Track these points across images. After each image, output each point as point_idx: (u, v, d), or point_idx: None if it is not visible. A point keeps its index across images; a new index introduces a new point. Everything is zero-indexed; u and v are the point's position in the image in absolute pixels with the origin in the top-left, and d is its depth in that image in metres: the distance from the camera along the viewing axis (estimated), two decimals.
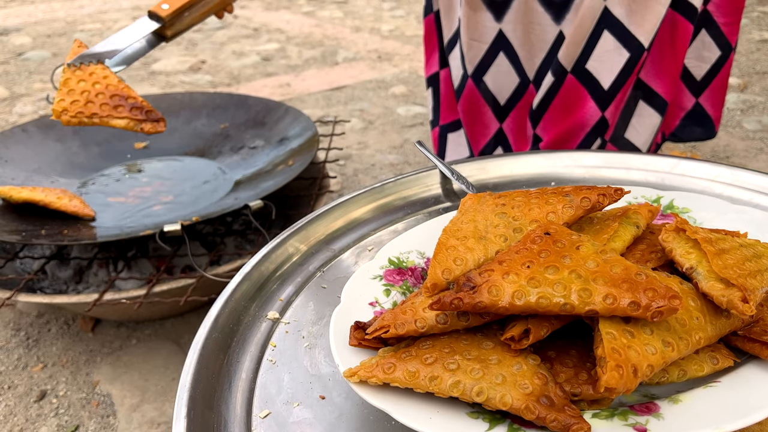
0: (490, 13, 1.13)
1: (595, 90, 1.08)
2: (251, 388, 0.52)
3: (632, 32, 1.04)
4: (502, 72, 1.19)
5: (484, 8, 1.13)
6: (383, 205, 0.78)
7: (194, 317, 1.43)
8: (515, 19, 1.12)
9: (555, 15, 1.08)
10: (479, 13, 1.14)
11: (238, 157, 1.57)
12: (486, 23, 1.14)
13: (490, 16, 1.13)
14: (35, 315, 1.47)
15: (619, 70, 1.06)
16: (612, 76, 1.07)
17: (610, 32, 1.04)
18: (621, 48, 1.05)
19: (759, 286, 0.44)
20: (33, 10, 4.50)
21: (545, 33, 1.10)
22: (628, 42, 1.04)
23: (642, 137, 1.18)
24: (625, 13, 1.03)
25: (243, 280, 0.63)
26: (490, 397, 0.40)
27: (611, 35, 1.05)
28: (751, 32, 3.14)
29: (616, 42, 1.05)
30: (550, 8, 1.08)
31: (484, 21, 1.14)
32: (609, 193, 0.54)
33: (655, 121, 1.16)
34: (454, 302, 0.43)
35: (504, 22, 1.13)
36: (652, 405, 0.41)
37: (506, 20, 1.12)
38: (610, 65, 1.06)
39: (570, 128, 1.12)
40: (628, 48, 1.05)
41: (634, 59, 1.05)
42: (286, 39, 3.57)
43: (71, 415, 1.21)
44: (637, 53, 1.05)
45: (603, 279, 0.41)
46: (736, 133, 2.18)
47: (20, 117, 2.62)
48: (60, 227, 1.27)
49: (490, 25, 1.14)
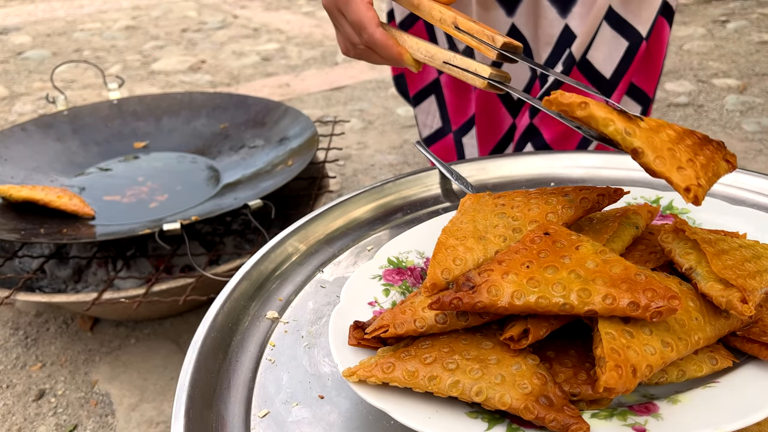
0: (502, 10, 1.13)
1: (596, 81, 1.09)
2: (250, 387, 0.52)
3: (629, 22, 1.06)
4: (516, 66, 1.18)
5: (497, 6, 1.13)
6: (382, 205, 0.78)
7: (193, 317, 1.43)
8: (527, 12, 1.12)
9: (561, 9, 1.08)
10: (491, 11, 1.14)
11: (237, 156, 1.57)
12: (499, 19, 1.14)
13: (503, 12, 1.13)
14: (34, 314, 1.47)
15: (619, 59, 1.08)
16: (613, 65, 1.08)
17: (607, 23, 1.06)
18: (619, 37, 1.06)
19: (758, 286, 0.44)
20: (33, 9, 4.50)
21: (551, 27, 1.10)
22: (626, 31, 1.06)
23: None
24: (620, 3, 1.05)
25: (242, 279, 0.63)
26: (489, 397, 0.40)
27: (608, 26, 1.06)
28: (750, 34, 3.14)
29: (613, 32, 1.06)
30: (555, 2, 1.08)
31: (497, 18, 1.14)
32: (608, 194, 0.54)
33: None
34: (453, 302, 0.42)
35: (516, 16, 1.13)
36: (651, 405, 0.41)
37: (518, 13, 1.12)
38: (609, 53, 1.07)
39: None
40: (626, 37, 1.06)
41: (633, 48, 1.07)
42: (286, 39, 3.57)
43: (70, 414, 1.21)
44: (636, 41, 1.06)
45: (602, 279, 0.41)
46: (735, 134, 2.18)
47: (20, 116, 2.62)
48: (59, 226, 1.27)
49: (503, 21, 1.14)
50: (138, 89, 2.86)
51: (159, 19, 4.11)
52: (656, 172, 0.43)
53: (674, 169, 0.42)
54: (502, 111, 1.24)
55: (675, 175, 0.42)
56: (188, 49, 3.45)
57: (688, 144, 0.45)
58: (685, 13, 3.53)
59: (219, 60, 3.25)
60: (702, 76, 2.68)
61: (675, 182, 0.42)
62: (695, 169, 0.43)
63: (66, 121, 1.64)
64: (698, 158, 0.44)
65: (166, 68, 3.15)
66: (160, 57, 3.30)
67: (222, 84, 2.92)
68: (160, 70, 3.12)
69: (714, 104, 2.42)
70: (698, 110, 2.38)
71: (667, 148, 0.43)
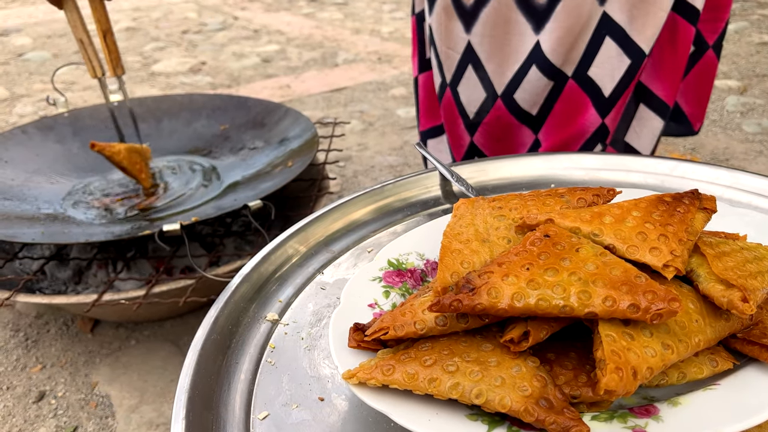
0: (460, 23, 1.10)
1: (596, 96, 1.07)
2: (250, 389, 0.52)
3: (633, 39, 1.02)
4: (471, 85, 1.15)
5: (456, 17, 1.10)
6: (383, 207, 0.78)
7: (193, 318, 1.43)
8: (482, 32, 1.08)
9: (536, 24, 1.05)
10: (452, 21, 1.11)
11: (237, 158, 1.57)
12: (458, 33, 1.11)
13: (461, 26, 1.10)
14: (34, 315, 1.47)
15: (620, 77, 1.05)
16: (613, 83, 1.06)
17: (611, 38, 1.03)
18: (622, 54, 1.04)
19: (759, 286, 0.44)
20: (33, 11, 4.50)
21: (523, 44, 1.07)
22: (629, 48, 1.03)
23: (643, 141, 1.16)
24: (627, 19, 1.01)
25: (242, 281, 0.63)
26: (489, 399, 0.40)
27: (613, 41, 1.03)
28: (750, 35, 3.14)
29: (618, 48, 1.03)
30: (532, 17, 1.04)
31: (456, 30, 1.11)
32: (603, 194, 0.55)
33: (657, 124, 1.14)
34: (453, 304, 0.42)
35: (472, 34, 1.09)
36: (652, 407, 0.41)
37: (474, 32, 1.09)
38: (611, 71, 1.05)
39: (571, 135, 1.11)
40: (629, 54, 1.03)
41: (635, 65, 1.04)
42: (286, 40, 3.57)
43: (70, 416, 1.21)
44: (638, 59, 1.04)
45: (602, 281, 0.41)
46: (736, 135, 2.18)
47: (20, 118, 2.62)
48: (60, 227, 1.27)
49: (461, 36, 1.11)
50: (138, 91, 2.86)
51: (159, 21, 4.12)
52: (632, 261, 0.45)
53: (647, 253, 0.45)
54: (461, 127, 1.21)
55: (649, 258, 0.45)
56: (188, 50, 3.45)
57: (657, 217, 0.47)
58: None
59: (219, 61, 3.25)
60: None
61: (651, 264, 0.44)
62: (668, 243, 0.45)
63: (66, 123, 1.65)
64: (669, 228, 0.46)
65: (167, 70, 3.15)
66: (160, 58, 3.30)
67: (222, 85, 2.92)
68: (161, 72, 3.12)
69: (714, 105, 2.42)
70: None
71: (636, 234, 0.46)
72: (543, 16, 1.04)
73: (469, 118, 1.18)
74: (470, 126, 1.19)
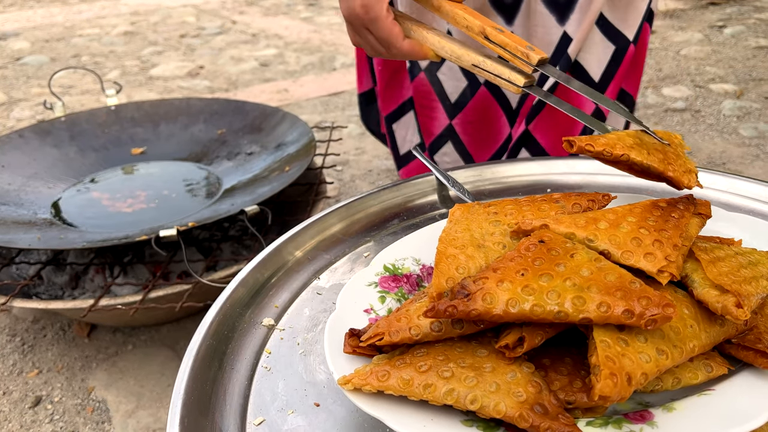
0: (501, 18, 1.13)
1: (586, 83, 1.10)
2: (246, 395, 0.52)
3: (616, 26, 1.08)
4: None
5: (494, 13, 1.13)
6: (379, 212, 0.78)
7: (190, 323, 1.43)
8: (521, 23, 1.13)
9: (559, 16, 1.08)
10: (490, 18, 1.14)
11: (234, 162, 1.57)
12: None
13: (501, 21, 1.14)
14: (31, 320, 1.46)
15: (607, 62, 1.09)
16: (601, 69, 1.10)
17: (597, 27, 1.08)
18: (607, 41, 1.09)
19: (754, 291, 0.44)
20: (32, 14, 4.51)
21: (549, 35, 1.10)
22: (614, 36, 1.08)
23: None
24: (608, 8, 1.07)
25: (238, 286, 0.63)
26: (484, 405, 0.40)
27: (598, 30, 1.08)
28: (747, 39, 3.15)
29: (602, 36, 1.09)
30: (554, 9, 1.08)
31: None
32: (598, 199, 0.56)
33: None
34: (448, 310, 0.42)
35: (515, 26, 1.13)
36: (647, 413, 0.41)
37: (516, 24, 1.13)
38: (598, 56, 1.09)
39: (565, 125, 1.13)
40: (613, 41, 1.09)
41: (620, 51, 1.09)
42: (284, 45, 3.57)
43: (66, 421, 1.20)
44: (624, 45, 1.09)
45: (597, 287, 0.42)
46: (733, 139, 2.18)
47: (18, 122, 2.62)
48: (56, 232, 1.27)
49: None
50: (136, 95, 2.86)
51: (157, 25, 4.12)
52: (627, 266, 0.45)
53: (642, 258, 0.45)
54: (502, 119, 1.24)
55: (644, 263, 0.45)
56: (186, 54, 3.46)
57: (652, 222, 0.48)
58: (683, 19, 3.55)
59: (217, 65, 3.26)
60: (699, 81, 2.69)
61: (646, 270, 0.45)
62: (662, 249, 0.45)
63: (64, 127, 1.64)
64: (664, 234, 0.47)
65: (165, 74, 3.15)
66: (158, 62, 3.30)
67: (220, 89, 2.92)
68: (159, 76, 3.12)
69: (711, 109, 2.42)
70: (695, 115, 2.38)
71: (630, 239, 0.46)
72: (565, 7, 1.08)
73: (512, 108, 1.22)
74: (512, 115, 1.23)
